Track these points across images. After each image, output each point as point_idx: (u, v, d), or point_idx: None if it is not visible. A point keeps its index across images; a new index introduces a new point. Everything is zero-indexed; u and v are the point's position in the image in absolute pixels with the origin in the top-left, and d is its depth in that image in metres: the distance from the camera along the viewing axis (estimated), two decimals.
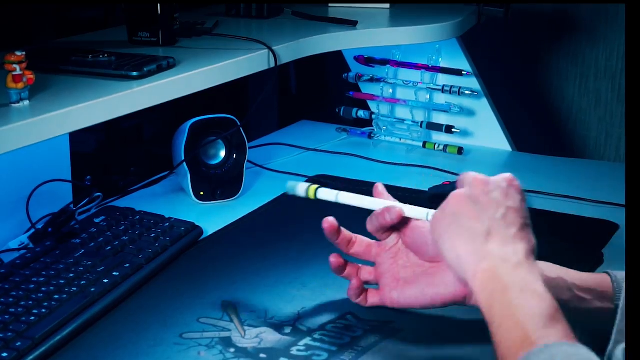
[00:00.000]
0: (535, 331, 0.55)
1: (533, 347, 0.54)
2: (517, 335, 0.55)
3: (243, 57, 0.95)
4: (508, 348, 0.56)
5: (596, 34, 1.32)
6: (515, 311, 0.57)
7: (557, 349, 0.53)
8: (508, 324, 0.57)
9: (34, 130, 0.73)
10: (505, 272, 0.59)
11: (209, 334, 0.75)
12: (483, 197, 0.62)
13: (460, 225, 0.62)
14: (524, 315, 0.56)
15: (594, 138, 1.36)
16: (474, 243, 0.60)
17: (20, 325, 0.72)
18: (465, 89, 1.22)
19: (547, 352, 0.53)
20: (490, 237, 0.60)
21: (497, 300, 0.58)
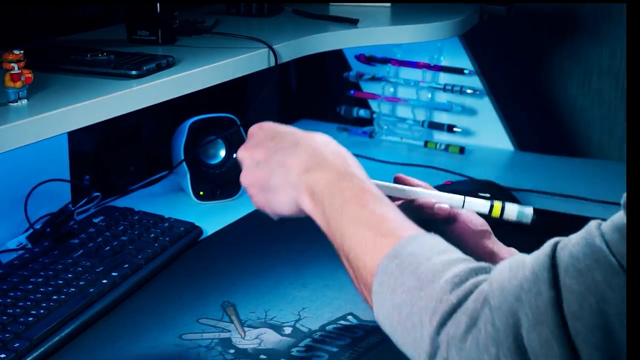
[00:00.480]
0: (385, 225, 0.54)
1: (390, 241, 0.53)
2: (365, 238, 0.55)
3: (243, 56, 0.95)
4: (363, 255, 0.55)
5: (599, 32, 1.31)
6: (349, 215, 0.56)
7: (423, 239, 0.53)
8: (349, 231, 0.56)
9: (32, 129, 0.73)
10: (320, 184, 0.59)
11: (208, 334, 0.75)
12: (254, 154, 0.63)
13: (268, 190, 0.62)
14: (362, 215, 0.55)
15: (597, 137, 1.35)
16: (287, 185, 0.61)
17: (18, 326, 0.72)
18: (467, 88, 1.22)
19: (414, 242, 0.53)
20: (288, 167, 0.61)
21: (329, 216, 0.58)
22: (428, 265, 0.51)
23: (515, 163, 1.23)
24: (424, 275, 0.51)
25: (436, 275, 0.50)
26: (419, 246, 0.53)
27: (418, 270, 0.51)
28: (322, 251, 0.89)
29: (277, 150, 0.62)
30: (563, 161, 1.23)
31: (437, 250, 0.53)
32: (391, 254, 0.53)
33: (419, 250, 0.52)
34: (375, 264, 0.53)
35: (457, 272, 0.50)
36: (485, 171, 1.15)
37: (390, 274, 0.52)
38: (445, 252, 0.52)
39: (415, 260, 0.52)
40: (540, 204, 1.05)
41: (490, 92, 1.26)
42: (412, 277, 0.51)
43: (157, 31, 0.96)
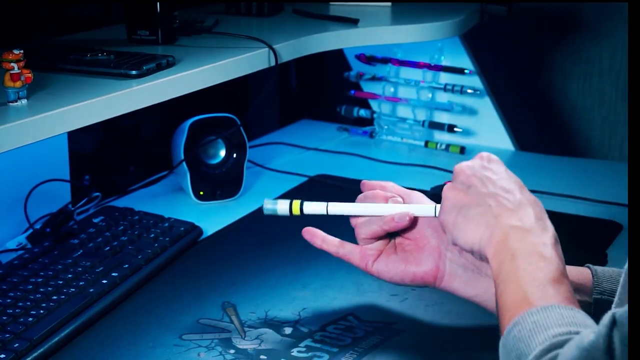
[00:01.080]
0: (535, 293, 0.56)
1: (529, 308, 0.55)
2: (517, 298, 0.56)
3: (243, 56, 0.95)
4: (507, 310, 0.57)
5: (599, 32, 1.31)
6: (518, 275, 0.58)
7: (552, 311, 0.54)
8: (511, 287, 0.57)
9: (32, 129, 0.73)
10: (515, 239, 0.60)
11: (208, 335, 0.75)
12: (472, 179, 0.64)
13: (465, 214, 0.63)
14: (526, 278, 0.57)
15: (598, 137, 1.35)
16: (485, 222, 0.62)
17: (18, 327, 0.71)
18: (468, 88, 1.22)
19: (542, 312, 0.54)
20: (496, 210, 0.62)
21: (504, 267, 0.59)
22: (539, 337, 0.53)
23: (516, 163, 1.23)
24: (532, 344, 0.53)
25: (540, 345, 0.52)
26: (545, 316, 0.54)
27: (530, 340, 0.53)
28: (322, 251, 0.89)
29: (494, 193, 0.62)
30: (563, 161, 1.22)
31: (560, 322, 0.54)
32: (517, 320, 0.55)
33: (544, 320, 0.54)
34: (505, 328, 0.56)
35: (551, 343, 0.52)
36: None
37: (511, 338, 0.55)
38: (566, 325, 0.53)
39: (535, 329, 0.54)
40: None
41: (491, 92, 1.25)
42: (523, 345, 0.53)
43: (157, 31, 0.96)
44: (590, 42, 1.33)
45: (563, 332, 0.52)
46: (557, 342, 0.52)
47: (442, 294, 0.80)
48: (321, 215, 0.72)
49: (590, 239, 0.96)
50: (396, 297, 0.81)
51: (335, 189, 1.09)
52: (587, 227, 0.98)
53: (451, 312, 0.78)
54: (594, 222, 0.99)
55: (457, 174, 0.65)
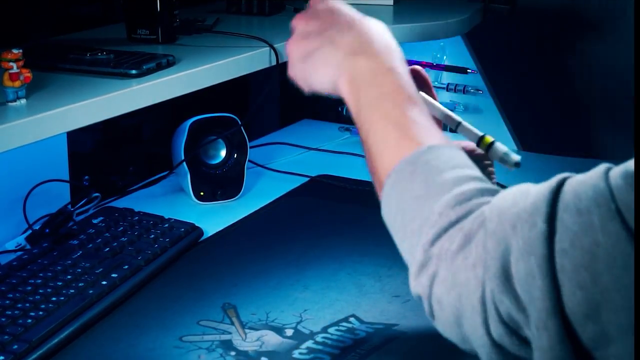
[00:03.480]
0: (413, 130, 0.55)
1: (412, 145, 0.54)
2: (391, 135, 0.55)
3: (244, 55, 0.95)
4: (383, 150, 0.55)
5: (603, 30, 1.31)
6: (382, 109, 0.56)
7: (441, 151, 0.53)
8: (378, 124, 0.56)
9: (31, 129, 0.73)
10: (363, 68, 0.59)
11: (209, 336, 0.74)
12: (309, 25, 0.62)
13: (310, 61, 0.62)
14: (395, 114, 0.56)
15: (602, 137, 1.35)
16: (330, 62, 0.61)
17: (16, 328, 0.71)
18: (470, 87, 1.22)
19: (431, 152, 0.53)
20: (337, 45, 0.60)
21: (363, 103, 0.58)
22: (439, 178, 0.52)
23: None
24: (432, 186, 0.52)
25: (444, 189, 0.51)
26: (435, 157, 0.53)
27: (429, 180, 0.52)
28: (324, 252, 0.89)
29: (332, 27, 0.62)
30: (567, 162, 1.22)
31: (452, 163, 0.53)
32: (408, 160, 0.54)
33: (435, 160, 0.53)
34: (392, 165, 0.54)
35: (464, 190, 0.51)
36: None
37: (403, 178, 0.53)
38: (459, 167, 0.53)
39: (429, 170, 0.53)
40: None
41: (494, 92, 1.25)
42: (422, 186, 0.52)
43: (157, 30, 0.96)
44: (594, 41, 1.32)
45: (464, 176, 0.51)
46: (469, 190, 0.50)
47: None
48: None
49: None
50: (398, 298, 0.81)
51: (336, 189, 1.09)
52: None
53: None
54: None
55: (294, 25, 0.64)
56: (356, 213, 1.00)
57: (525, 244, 0.46)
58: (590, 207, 0.45)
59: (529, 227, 0.46)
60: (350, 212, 1.01)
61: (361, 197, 1.01)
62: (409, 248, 0.52)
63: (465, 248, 0.48)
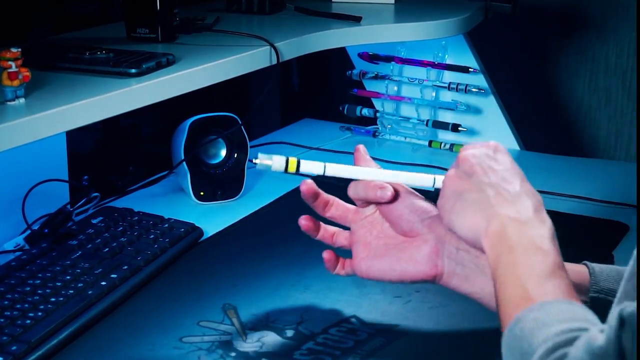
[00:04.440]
0: (534, 287, 0.56)
1: (530, 304, 0.55)
2: (516, 293, 0.56)
3: (244, 54, 0.94)
4: (507, 306, 0.56)
5: (606, 29, 1.30)
6: (516, 269, 0.57)
7: (552, 306, 0.54)
8: (509, 281, 0.57)
9: (30, 128, 0.73)
10: (512, 231, 0.59)
11: (209, 337, 0.74)
12: (475, 168, 0.63)
13: (464, 201, 0.63)
14: (524, 272, 0.57)
15: (604, 137, 1.34)
16: (482, 211, 0.61)
17: (15, 329, 0.71)
18: (472, 87, 1.21)
19: (541, 309, 0.54)
20: (495, 200, 0.61)
21: (502, 259, 0.59)
22: (543, 333, 0.52)
23: (521, 163, 1.20)
24: (535, 341, 0.52)
25: (544, 343, 0.52)
26: (545, 313, 0.54)
27: (533, 336, 0.53)
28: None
29: (494, 182, 0.62)
30: (569, 161, 1.22)
31: (560, 318, 0.53)
32: (518, 317, 0.55)
33: (544, 317, 0.54)
34: (506, 323, 0.56)
35: (556, 342, 0.51)
36: None
37: (513, 336, 0.54)
38: (567, 321, 0.53)
39: (535, 327, 0.53)
40: (546, 205, 1.03)
41: (496, 91, 1.25)
42: (526, 343, 0.53)
43: (157, 29, 0.96)
44: (596, 40, 1.32)
45: (565, 330, 0.52)
46: (560, 341, 0.51)
47: (446, 295, 0.79)
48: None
49: (596, 240, 0.95)
50: (399, 299, 0.80)
51: (337, 189, 1.08)
52: (593, 228, 0.98)
53: (455, 314, 0.77)
54: (600, 223, 0.99)
55: (461, 161, 0.64)
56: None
57: None
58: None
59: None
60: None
61: None
62: None
63: None
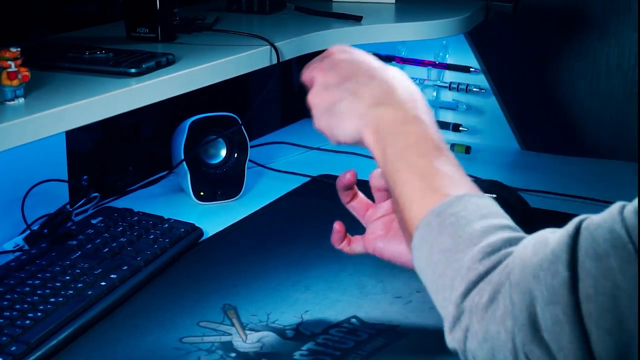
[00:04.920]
0: (438, 180, 0.55)
1: (438, 197, 0.54)
2: (415, 187, 0.56)
3: (244, 54, 0.94)
4: (411, 202, 0.56)
5: (607, 29, 1.30)
6: (408, 160, 0.57)
7: (468, 200, 0.54)
8: (404, 177, 0.57)
9: (29, 128, 0.72)
10: (387, 120, 0.59)
11: (209, 338, 0.74)
12: (326, 77, 0.63)
13: (334, 112, 0.62)
14: (420, 164, 0.56)
15: (605, 137, 1.34)
16: (354, 114, 0.61)
17: (15, 329, 0.71)
18: (473, 86, 1.21)
19: (458, 203, 0.53)
20: (360, 97, 0.61)
21: (388, 155, 0.58)
22: (467, 230, 0.52)
23: (522, 163, 1.22)
24: (461, 239, 0.52)
25: (472, 241, 0.51)
26: (462, 207, 0.53)
27: (457, 233, 0.52)
28: (325, 253, 0.89)
29: (352, 77, 0.62)
30: (570, 161, 1.22)
31: (480, 213, 0.53)
32: (435, 211, 0.54)
33: (462, 211, 0.53)
34: (419, 217, 0.55)
35: (491, 241, 0.51)
36: (491, 171, 1.14)
37: (431, 230, 0.54)
38: (487, 217, 0.53)
39: (456, 222, 0.53)
40: (547, 205, 1.03)
41: (497, 91, 1.24)
42: (450, 239, 0.52)
43: (157, 28, 0.96)
44: (597, 40, 1.32)
45: (490, 227, 0.51)
46: (495, 241, 0.50)
47: None
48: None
49: None
50: (400, 299, 0.80)
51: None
52: None
53: None
54: None
55: (312, 80, 0.64)
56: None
57: (549, 293, 0.46)
58: (608, 250, 0.45)
59: (551, 275, 0.46)
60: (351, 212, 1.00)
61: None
62: (442, 302, 0.53)
63: (494, 301, 0.49)
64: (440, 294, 0.53)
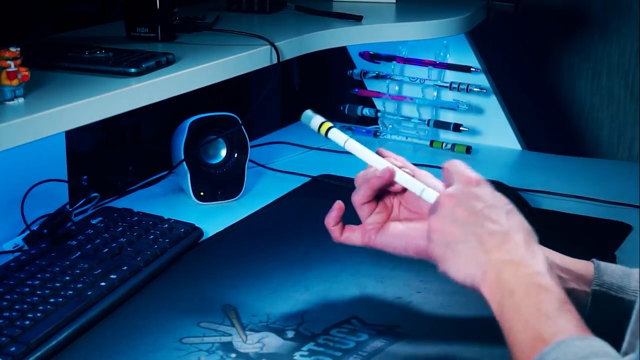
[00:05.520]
0: (545, 328, 0.55)
1: (545, 345, 0.54)
2: (527, 336, 0.56)
3: (245, 53, 0.94)
4: (521, 352, 0.56)
5: (608, 29, 1.30)
6: (522, 312, 0.57)
7: (569, 345, 0.54)
8: (517, 326, 0.57)
9: (29, 128, 0.72)
10: (508, 275, 0.59)
11: (209, 338, 0.74)
12: (457, 211, 0.63)
13: (453, 250, 0.62)
14: (531, 314, 0.57)
15: (606, 137, 1.34)
16: (474, 260, 0.61)
17: (14, 330, 0.71)
18: (474, 86, 1.21)
19: (558, 349, 0.53)
20: (483, 246, 0.61)
21: (505, 305, 0.58)
22: None
23: (523, 163, 1.22)
24: None
25: None
26: (564, 353, 0.53)
27: None
28: (326, 253, 0.89)
29: (480, 224, 0.62)
30: (571, 161, 1.22)
31: (578, 356, 0.53)
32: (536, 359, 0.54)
33: (563, 357, 0.53)
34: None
35: None
36: (492, 171, 1.13)
37: None
38: (588, 358, 0.53)
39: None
40: (548, 205, 1.03)
41: (498, 91, 1.24)
42: None
43: (157, 28, 0.95)
44: (598, 39, 1.32)
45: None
46: None
47: (447, 296, 0.79)
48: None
49: (599, 240, 0.95)
50: (400, 299, 0.80)
51: (338, 189, 1.08)
52: (595, 229, 0.98)
53: (456, 316, 0.76)
54: (603, 224, 0.98)
55: (441, 205, 0.64)
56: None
57: None
58: None
59: None
60: (352, 212, 1.00)
61: None
62: None
63: None
64: None
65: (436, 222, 0.64)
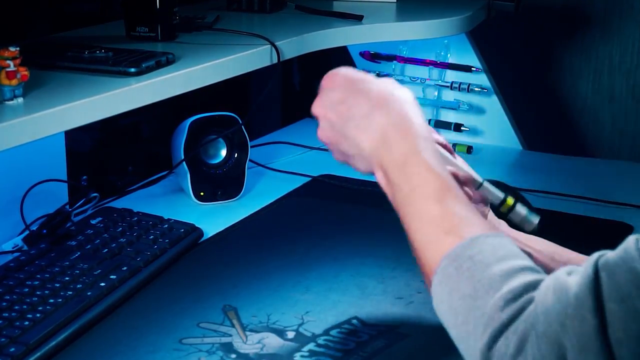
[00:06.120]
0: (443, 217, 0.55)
1: (452, 238, 0.54)
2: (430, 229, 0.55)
3: (245, 53, 0.94)
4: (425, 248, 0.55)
5: (610, 28, 1.30)
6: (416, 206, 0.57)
7: (483, 242, 0.53)
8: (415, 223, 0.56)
9: (28, 128, 0.72)
10: (391, 171, 0.59)
11: (209, 339, 0.74)
12: (328, 116, 0.63)
13: (344, 152, 0.63)
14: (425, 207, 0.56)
15: (608, 137, 1.34)
16: (359, 155, 0.61)
17: (14, 330, 0.71)
18: (475, 86, 1.21)
19: (473, 246, 0.53)
20: (357, 140, 0.61)
21: (397, 198, 0.58)
22: (485, 274, 0.51)
23: (524, 163, 1.22)
24: (479, 284, 0.51)
25: (492, 287, 0.51)
26: (479, 250, 0.53)
27: (475, 277, 0.51)
28: (326, 253, 0.89)
29: (349, 118, 0.62)
30: (572, 161, 1.22)
31: (496, 256, 0.52)
32: (451, 256, 0.53)
33: (479, 255, 0.52)
34: (436, 262, 0.54)
35: (511, 288, 0.50)
36: (493, 171, 1.13)
37: (449, 276, 0.53)
38: (505, 259, 0.52)
39: (474, 266, 0.52)
40: (549, 205, 1.03)
41: (498, 90, 1.24)
42: (469, 284, 0.52)
43: (157, 27, 0.95)
44: (599, 39, 1.31)
45: (509, 270, 0.51)
46: (515, 287, 0.49)
47: None
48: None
49: (599, 240, 0.93)
50: (401, 300, 0.80)
51: (338, 189, 1.08)
52: (595, 229, 0.98)
53: None
54: (603, 224, 0.98)
55: (317, 115, 0.65)
56: (359, 213, 0.99)
57: (579, 341, 0.46)
58: (631, 291, 0.44)
59: (578, 323, 0.46)
60: (352, 212, 1.00)
61: (364, 197, 1.00)
62: (466, 349, 0.52)
63: (522, 352, 0.48)
64: (464, 342, 0.52)
65: (321, 134, 0.64)
